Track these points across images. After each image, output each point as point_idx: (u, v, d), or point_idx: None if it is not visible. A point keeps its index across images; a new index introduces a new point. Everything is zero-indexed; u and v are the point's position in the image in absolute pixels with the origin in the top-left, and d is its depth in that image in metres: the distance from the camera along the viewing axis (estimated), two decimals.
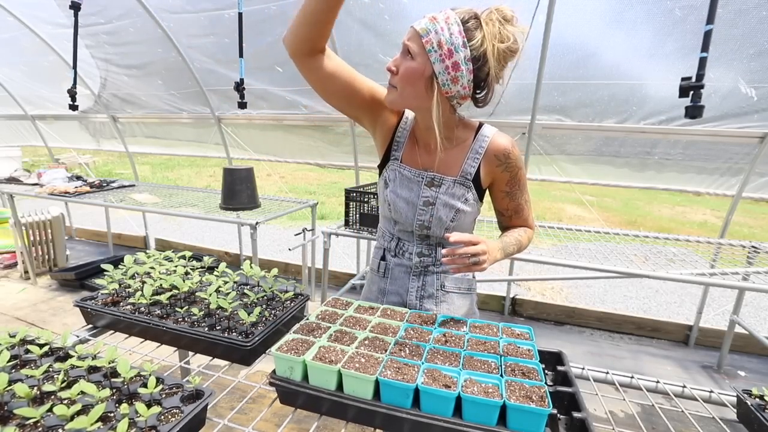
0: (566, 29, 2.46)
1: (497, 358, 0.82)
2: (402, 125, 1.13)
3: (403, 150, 1.11)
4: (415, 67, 0.93)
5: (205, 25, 3.20)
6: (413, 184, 1.09)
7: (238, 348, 0.90)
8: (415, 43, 0.92)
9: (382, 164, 1.16)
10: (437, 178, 1.07)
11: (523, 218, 1.14)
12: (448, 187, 1.07)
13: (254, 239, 2.57)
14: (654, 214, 9.19)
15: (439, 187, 1.07)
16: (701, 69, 1.20)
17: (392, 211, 1.12)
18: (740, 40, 2.24)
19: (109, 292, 1.13)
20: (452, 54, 0.89)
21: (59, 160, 5.38)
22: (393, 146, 1.12)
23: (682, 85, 1.12)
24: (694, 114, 1.16)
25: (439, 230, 1.08)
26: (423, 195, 1.07)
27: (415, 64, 0.92)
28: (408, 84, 0.95)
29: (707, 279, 1.96)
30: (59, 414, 0.65)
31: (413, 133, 1.12)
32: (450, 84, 0.93)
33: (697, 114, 1.17)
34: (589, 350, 3.03)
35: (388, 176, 1.12)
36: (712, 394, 0.95)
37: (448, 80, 0.92)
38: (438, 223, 1.07)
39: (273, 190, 7.45)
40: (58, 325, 3.08)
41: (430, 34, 0.89)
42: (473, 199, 1.08)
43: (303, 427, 1.02)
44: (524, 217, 1.14)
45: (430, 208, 1.07)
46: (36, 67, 4.29)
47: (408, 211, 1.09)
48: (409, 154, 1.11)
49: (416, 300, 1.16)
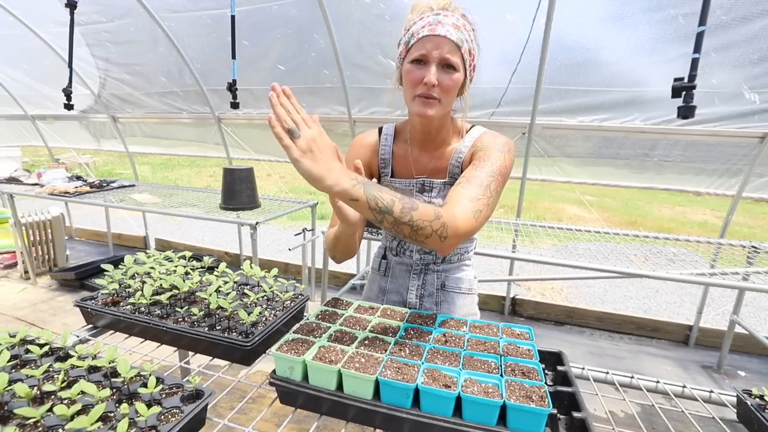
0: (566, 30, 2.47)
1: (497, 358, 0.82)
2: (383, 144, 1.13)
3: (392, 165, 1.12)
4: (459, 78, 0.94)
5: (207, 24, 3.20)
6: (406, 194, 1.08)
7: (238, 348, 0.90)
8: (455, 56, 0.91)
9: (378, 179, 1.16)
10: (427, 182, 1.08)
11: (454, 195, 0.89)
12: (439, 190, 1.07)
13: (254, 239, 2.57)
14: (654, 214, 9.19)
15: (431, 191, 1.07)
16: (693, 70, 1.21)
17: None
18: (744, 46, 2.25)
19: (109, 292, 1.13)
20: (474, 58, 0.96)
21: (59, 160, 5.38)
22: (381, 166, 1.13)
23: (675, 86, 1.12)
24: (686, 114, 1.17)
25: None
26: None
27: (459, 75, 0.94)
28: (451, 94, 0.95)
29: (707, 279, 1.96)
30: (59, 414, 0.65)
31: (402, 141, 1.11)
32: (469, 84, 0.98)
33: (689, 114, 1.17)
34: (589, 350, 3.03)
35: None
36: (712, 394, 0.95)
37: (470, 81, 0.98)
38: None
39: (273, 190, 7.44)
40: (58, 325, 3.08)
41: (464, 44, 0.91)
42: None
43: (303, 427, 1.02)
44: (455, 196, 0.88)
45: None
46: (37, 67, 4.29)
47: None
48: (399, 165, 1.11)
49: (416, 299, 1.16)
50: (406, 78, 0.95)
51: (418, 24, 0.93)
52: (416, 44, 0.92)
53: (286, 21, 2.99)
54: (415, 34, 0.92)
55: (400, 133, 1.13)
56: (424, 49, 0.91)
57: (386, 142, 1.13)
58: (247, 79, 3.36)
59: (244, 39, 3.11)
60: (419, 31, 0.92)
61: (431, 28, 0.90)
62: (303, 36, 3.02)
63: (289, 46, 3.14)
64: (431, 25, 0.91)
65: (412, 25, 0.94)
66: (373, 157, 1.14)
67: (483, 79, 2.87)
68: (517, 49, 2.59)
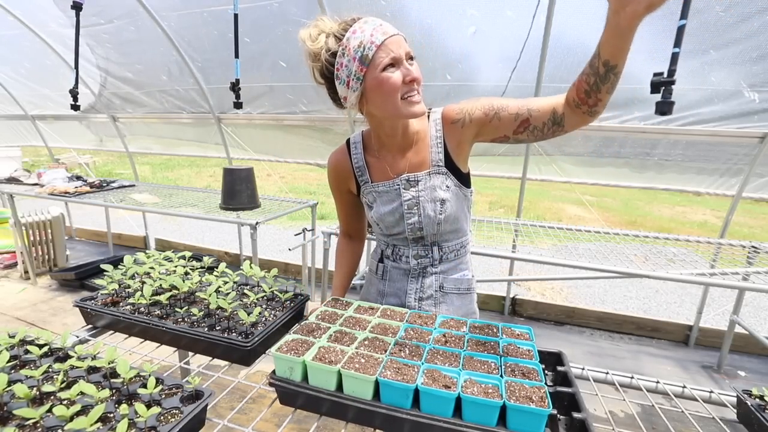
0: (566, 27, 2.47)
1: (497, 359, 0.82)
2: (354, 153, 1.13)
3: (369, 171, 1.12)
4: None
5: (208, 22, 3.20)
6: (391, 194, 1.09)
7: (237, 348, 0.90)
8: (410, 48, 0.95)
9: (359, 193, 1.17)
10: (411, 177, 1.07)
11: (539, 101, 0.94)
12: (425, 182, 1.06)
13: (254, 239, 2.56)
14: (654, 214, 9.19)
15: (417, 184, 1.06)
16: (673, 64, 1.19)
17: (383, 228, 1.13)
18: (743, 44, 2.24)
19: (109, 293, 1.13)
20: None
21: (59, 160, 5.38)
22: (357, 175, 1.13)
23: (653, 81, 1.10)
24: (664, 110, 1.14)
25: (431, 228, 1.07)
26: (405, 199, 1.07)
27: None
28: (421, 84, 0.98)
29: (707, 279, 1.96)
30: (59, 414, 0.65)
31: (372, 152, 1.12)
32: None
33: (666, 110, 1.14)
34: (589, 350, 3.03)
35: (368, 200, 1.14)
36: (712, 394, 0.95)
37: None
38: (429, 221, 1.06)
39: (273, 190, 7.45)
40: (58, 325, 3.08)
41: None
42: (454, 185, 1.06)
43: (303, 427, 1.02)
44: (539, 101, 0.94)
45: (416, 208, 1.07)
46: (37, 67, 4.29)
47: (396, 221, 1.09)
48: (377, 171, 1.11)
49: (415, 302, 1.16)
50: (384, 87, 0.91)
51: (359, 37, 0.89)
52: (378, 53, 0.89)
53: (286, 19, 2.99)
54: (370, 45, 0.88)
55: (368, 143, 1.13)
56: (392, 52, 0.90)
57: (356, 150, 1.13)
58: (248, 78, 3.36)
59: (245, 37, 3.10)
60: (371, 40, 0.88)
61: (383, 31, 0.90)
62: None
63: (290, 44, 3.14)
64: (376, 29, 0.89)
65: (352, 42, 0.90)
66: (349, 176, 1.15)
67: (483, 76, 2.86)
68: (517, 46, 2.58)
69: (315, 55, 0.96)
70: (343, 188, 1.19)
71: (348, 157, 1.14)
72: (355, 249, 1.31)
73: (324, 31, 0.95)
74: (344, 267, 1.29)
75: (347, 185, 1.18)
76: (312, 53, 0.96)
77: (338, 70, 0.94)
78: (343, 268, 1.29)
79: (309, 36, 0.95)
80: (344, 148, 1.16)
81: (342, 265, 1.29)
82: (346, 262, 1.29)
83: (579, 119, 0.89)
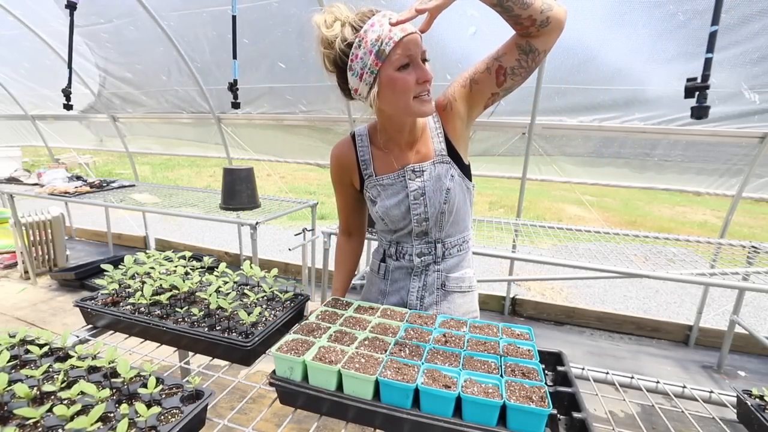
0: (566, 27, 2.46)
1: (497, 359, 0.82)
2: (359, 146, 1.13)
3: (373, 164, 1.12)
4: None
5: (207, 22, 3.20)
6: (397, 186, 1.09)
7: (238, 348, 0.90)
8: (425, 47, 0.94)
9: (361, 188, 1.16)
10: (416, 167, 1.07)
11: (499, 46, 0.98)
12: (430, 171, 1.07)
13: (254, 239, 2.57)
14: (654, 214, 9.19)
15: (422, 174, 1.07)
16: (707, 69, 1.19)
17: (388, 223, 1.12)
18: (744, 45, 2.24)
19: (109, 292, 1.13)
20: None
21: (59, 160, 5.38)
22: (362, 167, 1.13)
23: (688, 86, 1.11)
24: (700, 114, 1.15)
25: (435, 219, 1.08)
26: (411, 189, 1.07)
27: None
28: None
29: (707, 279, 1.96)
30: (59, 414, 0.65)
31: (378, 145, 1.12)
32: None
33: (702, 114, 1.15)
34: (589, 350, 3.03)
35: (371, 194, 1.13)
36: (712, 394, 0.95)
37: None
38: (434, 211, 1.07)
39: (273, 190, 7.46)
40: (58, 325, 3.08)
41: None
42: (458, 175, 1.07)
43: (303, 427, 1.02)
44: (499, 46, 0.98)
45: (422, 198, 1.07)
46: (37, 67, 4.29)
47: (402, 214, 1.09)
48: (382, 164, 1.11)
49: (417, 300, 1.16)
50: (398, 86, 0.91)
51: (377, 31, 0.88)
52: (395, 49, 0.88)
53: (285, 19, 2.99)
54: (388, 40, 0.87)
55: (374, 137, 1.13)
56: (410, 51, 0.90)
57: (363, 143, 1.13)
58: (247, 78, 3.36)
59: (244, 37, 3.10)
60: (390, 36, 0.87)
61: (402, 27, 0.88)
62: (304, 34, 3.02)
63: (290, 44, 3.14)
64: (394, 26, 0.87)
65: (370, 35, 0.89)
66: (353, 169, 1.15)
67: None
68: None
69: (329, 42, 0.94)
70: (346, 181, 1.18)
71: (353, 150, 1.14)
72: (354, 247, 1.31)
73: (339, 19, 0.93)
74: (344, 266, 1.29)
75: (350, 178, 1.17)
76: (326, 40, 0.94)
77: (352, 61, 0.93)
78: (343, 268, 1.29)
79: (324, 22, 0.94)
80: (349, 141, 1.15)
81: (342, 265, 1.29)
82: (346, 261, 1.29)
83: (539, 38, 0.91)
